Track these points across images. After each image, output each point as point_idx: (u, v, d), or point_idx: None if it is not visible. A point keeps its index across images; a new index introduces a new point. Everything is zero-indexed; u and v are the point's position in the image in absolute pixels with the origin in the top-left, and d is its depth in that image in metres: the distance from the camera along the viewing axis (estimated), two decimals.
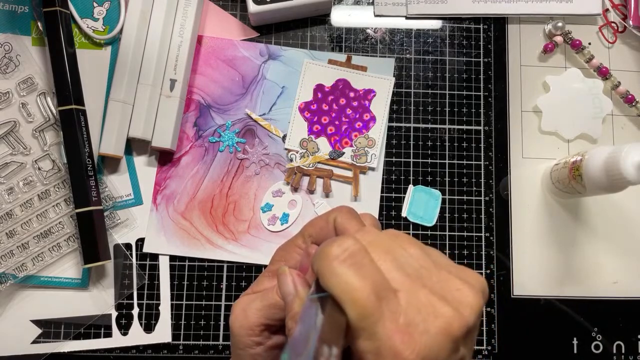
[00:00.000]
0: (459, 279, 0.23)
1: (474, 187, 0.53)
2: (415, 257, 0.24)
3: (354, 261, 0.21)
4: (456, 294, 0.22)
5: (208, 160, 0.51)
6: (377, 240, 0.24)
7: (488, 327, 0.51)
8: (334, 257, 0.22)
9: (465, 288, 0.23)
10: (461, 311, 0.22)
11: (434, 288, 0.22)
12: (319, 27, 0.54)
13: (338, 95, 0.52)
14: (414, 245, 0.24)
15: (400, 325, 0.21)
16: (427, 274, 0.23)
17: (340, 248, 0.22)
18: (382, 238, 0.24)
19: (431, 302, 0.22)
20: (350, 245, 0.22)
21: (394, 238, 0.25)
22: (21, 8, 0.51)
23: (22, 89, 0.50)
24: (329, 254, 0.22)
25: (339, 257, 0.21)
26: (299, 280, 0.25)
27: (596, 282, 0.52)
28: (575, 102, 0.53)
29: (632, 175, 0.40)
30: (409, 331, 0.21)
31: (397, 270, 0.23)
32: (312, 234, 0.29)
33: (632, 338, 0.51)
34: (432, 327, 0.21)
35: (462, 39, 0.55)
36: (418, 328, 0.21)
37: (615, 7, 0.56)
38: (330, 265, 0.21)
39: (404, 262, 0.23)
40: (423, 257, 0.24)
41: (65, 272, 0.48)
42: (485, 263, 0.52)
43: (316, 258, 0.22)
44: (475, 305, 0.22)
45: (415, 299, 0.22)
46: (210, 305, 0.50)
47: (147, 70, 0.49)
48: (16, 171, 0.49)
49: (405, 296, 0.22)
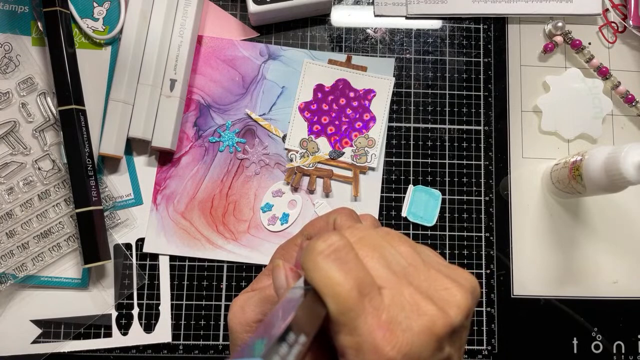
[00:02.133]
0: (447, 278, 0.23)
1: (474, 187, 0.53)
2: (405, 255, 0.24)
3: (338, 256, 0.22)
4: (443, 293, 0.22)
5: (208, 160, 0.51)
6: (366, 237, 0.24)
7: (488, 327, 0.51)
8: (319, 252, 0.22)
9: (453, 287, 0.23)
10: (447, 310, 0.22)
11: (420, 286, 0.22)
12: (319, 27, 0.54)
13: (338, 95, 0.52)
14: (404, 244, 0.24)
15: (382, 322, 0.21)
16: (415, 272, 0.23)
17: (326, 243, 0.22)
18: (371, 235, 0.24)
19: (416, 300, 0.22)
20: (335, 240, 0.22)
21: (385, 236, 0.25)
22: (21, 8, 0.51)
23: (22, 89, 0.50)
24: (314, 248, 0.22)
25: (324, 252, 0.22)
26: (291, 274, 0.25)
27: (596, 282, 0.52)
28: (575, 102, 0.53)
29: (632, 175, 0.40)
30: (391, 328, 0.21)
31: (383, 267, 0.23)
32: (312, 234, 0.29)
33: (632, 338, 0.51)
34: (415, 325, 0.21)
35: (462, 39, 0.55)
36: (401, 325, 0.21)
37: (615, 7, 0.56)
38: (315, 259, 0.22)
39: (391, 260, 0.23)
40: (412, 256, 0.24)
41: (65, 272, 0.48)
42: (485, 263, 0.52)
43: (303, 252, 0.23)
44: (462, 305, 0.22)
45: (400, 297, 0.22)
46: (210, 305, 0.50)
47: (147, 70, 0.49)
48: (16, 171, 0.49)
49: (389, 293, 0.22)
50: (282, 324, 0.19)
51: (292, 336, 0.19)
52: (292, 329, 0.19)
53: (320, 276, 0.21)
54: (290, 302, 0.22)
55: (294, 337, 0.19)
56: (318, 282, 0.21)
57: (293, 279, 0.25)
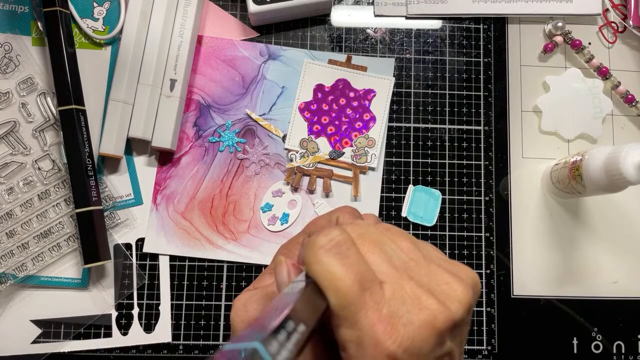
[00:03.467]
0: (448, 273, 0.23)
1: (474, 187, 0.53)
2: (405, 250, 0.24)
3: (339, 251, 0.22)
4: (444, 288, 0.22)
5: (208, 160, 0.51)
6: (367, 232, 0.24)
7: (488, 327, 0.51)
8: (320, 246, 0.22)
9: (454, 282, 0.23)
10: (448, 305, 0.22)
11: (421, 281, 0.23)
12: (319, 27, 0.54)
13: (338, 95, 0.52)
14: (405, 239, 0.24)
15: (383, 316, 0.21)
16: (416, 266, 0.23)
17: (327, 237, 0.22)
18: (372, 231, 0.24)
19: (417, 295, 0.22)
20: (336, 235, 0.22)
21: (385, 231, 0.25)
22: (21, 8, 0.51)
23: (22, 89, 0.50)
24: (315, 243, 0.22)
25: (325, 246, 0.22)
26: (293, 270, 0.25)
27: (596, 282, 0.52)
28: (575, 102, 0.53)
29: (632, 175, 0.40)
30: (392, 322, 0.21)
31: (384, 262, 0.23)
32: (314, 232, 0.29)
33: (632, 338, 0.51)
34: (416, 319, 0.21)
35: (462, 39, 0.55)
36: (401, 319, 0.21)
37: (615, 7, 0.56)
38: (316, 253, 0.22)
39: (392, 255, 0.23)
40: (413, 251, 0.24)
41: (65, 272, 0.48)
42: (485, 263, 0.52)
43: (304, 247, 0.23)
44: (463, 300, 0.22)
45: (401, 291, 0.22)
46: (210, 305, 0.50)
47: (147, 70, 0.49)
48: (16, 171, 0.49)
49: (390, 288, 0.22)
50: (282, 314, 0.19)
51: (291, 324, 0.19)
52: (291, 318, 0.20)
53: (322, 270, 0.21)
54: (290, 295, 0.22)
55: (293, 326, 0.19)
56: (319, 276, 0.21)
57: (295, 275, 0.25)
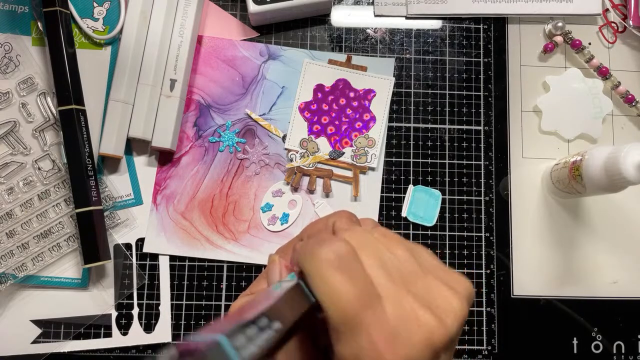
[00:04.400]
0: (445, 284, 0.23)
1: (474, 187, 0.53)
2: (402, 260, 0.24)
3: (341, 264, 0.22)
4: (440, 302, 0.23)
5: (208, 160, 0.51)
6: (365, 241, 0.24)
7: (488, 327, 0.51)
8: (323, 259, 0.22)
9: (450, 295, 0.23)
10: (444, 319, 0.22)
11: (418, 294, 0.23)
12: (319, 27, 0.54)
13: (338, 95, 0.52)
14: (402, 247, 0.24)
15: (382, 333, 0.21)
16: (413, 279, 0.23)
17: (330, 250, 0.22)
18: (369, 240, 0.24)
19: (414, 310, 0.22)
20: (340, 248, 0.22)
21: (381, 238, 0.25)
22: (21, 8, 0.51)
23: (22, 89, 0.50)
24: (319, 255, 0.22)
25: (329, 259, 0.22)
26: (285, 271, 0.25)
27: (596, 282, 0.52)
28: (575, 102, 0.53)
29: (632, 175, 0.40)
30: (391, 340, 0.21)
31: (383, 275, 0.23)
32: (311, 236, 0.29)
33: (632, 338, 0.51)
34: (414, 336, 0.21)
35: (462, 39, 0.55)
36: (400, 336, 0.21)
37: (615, 7, 0.56)
38: (319, 266, 0.22)
39: (390, 266, 0.23)
40: (410, 260, 0.24)
41: (65, 272, 0.48)
42: (485, 263, 0.52)
43: (305, 257, 0.23)
44: (458, 313, 0.23)
45: (399, 307, 0.22)
46: (210, 305, 0.50)
47: (147, 70, 0.49)
48: (16, 171, 0.49)
49: (389, 303, 0.22)
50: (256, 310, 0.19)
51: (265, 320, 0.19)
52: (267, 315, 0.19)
53: (325, 284, 0.21)
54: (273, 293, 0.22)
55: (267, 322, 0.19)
56: (322, 291, 0.21)
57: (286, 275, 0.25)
